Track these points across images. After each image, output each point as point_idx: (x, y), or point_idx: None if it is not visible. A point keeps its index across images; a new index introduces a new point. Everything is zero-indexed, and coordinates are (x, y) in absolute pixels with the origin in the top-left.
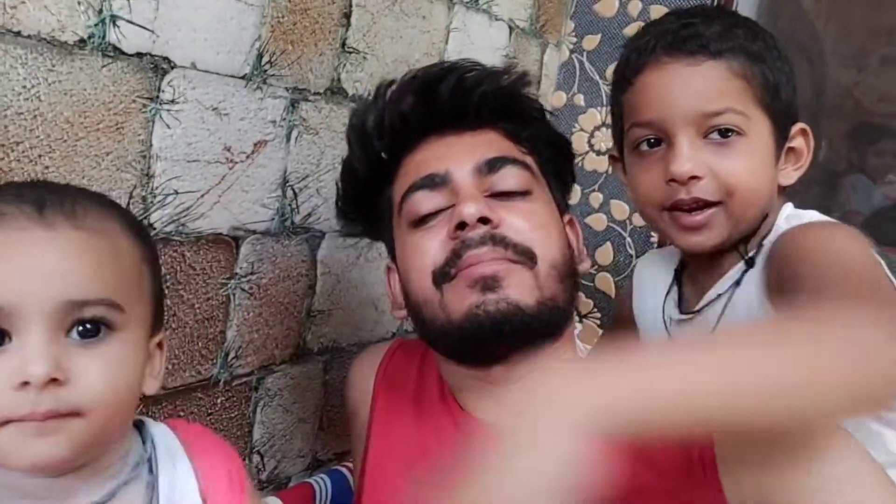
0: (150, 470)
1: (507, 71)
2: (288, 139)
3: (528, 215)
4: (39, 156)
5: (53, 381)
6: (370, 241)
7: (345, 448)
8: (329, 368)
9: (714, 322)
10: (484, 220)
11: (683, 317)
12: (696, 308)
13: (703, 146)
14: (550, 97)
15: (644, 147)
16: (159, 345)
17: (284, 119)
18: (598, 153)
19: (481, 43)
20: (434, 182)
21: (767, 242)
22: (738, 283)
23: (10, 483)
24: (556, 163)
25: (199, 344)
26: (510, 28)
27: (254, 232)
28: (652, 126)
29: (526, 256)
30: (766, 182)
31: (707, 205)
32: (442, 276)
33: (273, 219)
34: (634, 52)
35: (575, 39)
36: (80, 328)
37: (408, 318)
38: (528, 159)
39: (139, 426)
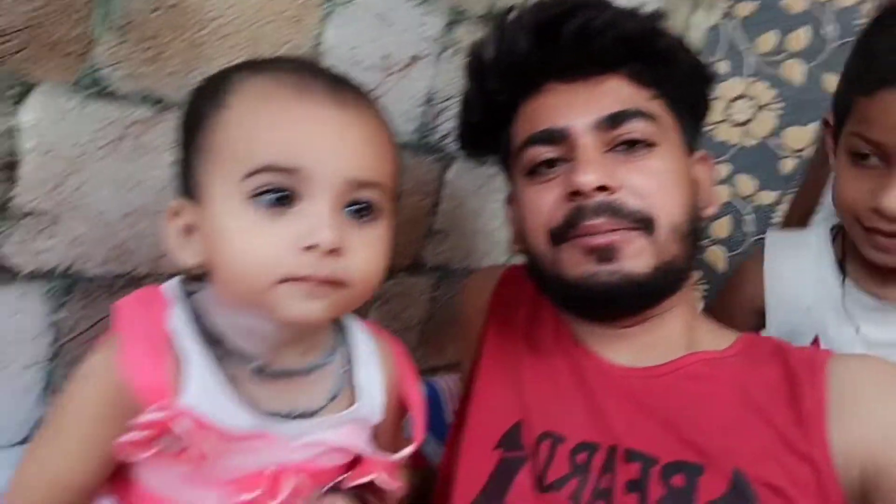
0: (345, 353)
1: (636, 12)
2: (439, 58)
3: (650, 175)
4: (228, 34)
5: (334, 250)
6: (493, 174)
7: (439, 363)
8: (438, 286)
9: None
10: (601, 188)
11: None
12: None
13: None
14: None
15: (859, 159)
16: None
17: (440, 38)
18: (735, 125)
19: None
20: (552, 137)
21: None
22: None
23: (254, 327)
24: (690, 97)
25: None
26: None
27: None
28: (878, 147)
29: (644, 223)
30: None
31: None
32: (557, 237)
33: (413, 133)
34: (885, 61)
35: (729, 2)
36: (353, 207)
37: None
38: (655, 105)
39: None
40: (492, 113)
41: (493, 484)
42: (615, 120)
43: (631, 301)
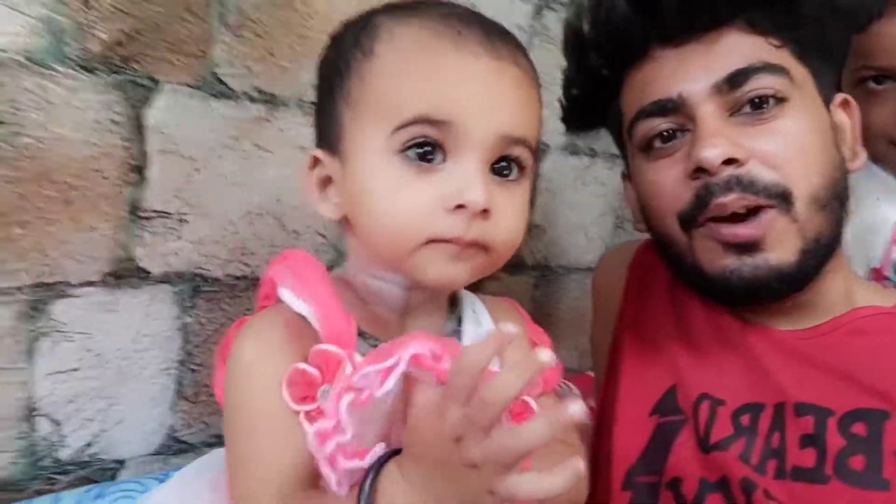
0: (458, 319)
1: None
2: (529, 46)
3: (783, 138)
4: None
5: (483, 212)
6: (589, 164)
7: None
8: (538, 285)
9: None
10: (729, 161)
11: None
12: None
13: None
14: None
15: (872, 84)
16: None
17: (530, 24)
18: None
19: None
20: (666, 108)
21: None
22: None
23: (383, 291)
24: (825, 38)
25: None
26: None
27: None
28: (886, 71)
29: (780, 198)
30: None
31: None
32: (689, 222)
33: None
34: None
35: None
36: (498, 165)
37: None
38: (784, 55)
39: None
40: (597, 88)
41: (653, 449)
42: (736, 79)
43: (780, 290)
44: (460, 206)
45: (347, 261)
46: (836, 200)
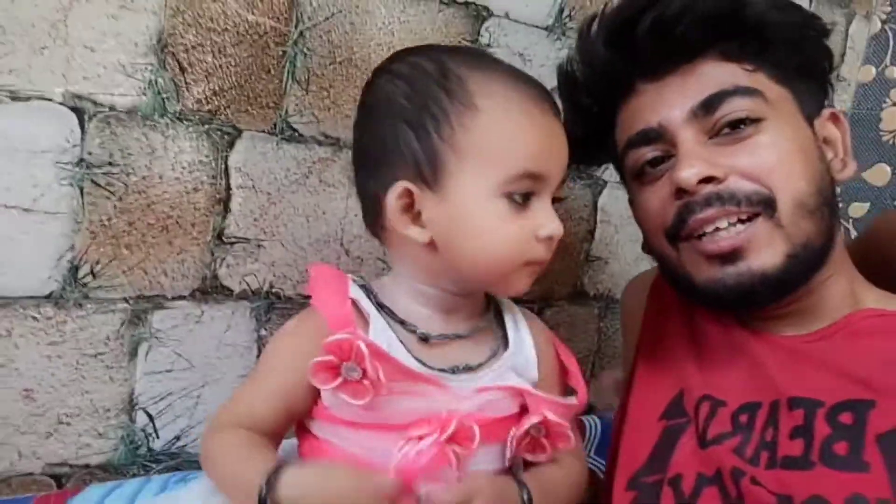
0: (499, 318)
1: None
2: None
3: (761, 151)
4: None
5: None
6: None
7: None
8: (604, 316)
9: None
10: (706, 180)
11: None
12: None
13: None
14: (857, 72)
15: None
16: None
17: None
18: None
19: None
20: (649, 137)
21: None
22: None
23: (428, 295)
24: (800, 58)
25: None
26: None
27: None
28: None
29: (762, 205)
30: None
31: None
32: (673, 237)
33: None
34: None
35: (889, 9)
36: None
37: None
38: (758, 78)
39: None
40: (592, 125)
41: (659, 450)
42: (710, 104)
43: (768, 295)
44: (550, 238)
45: (398, 270)
46: (825, 207)
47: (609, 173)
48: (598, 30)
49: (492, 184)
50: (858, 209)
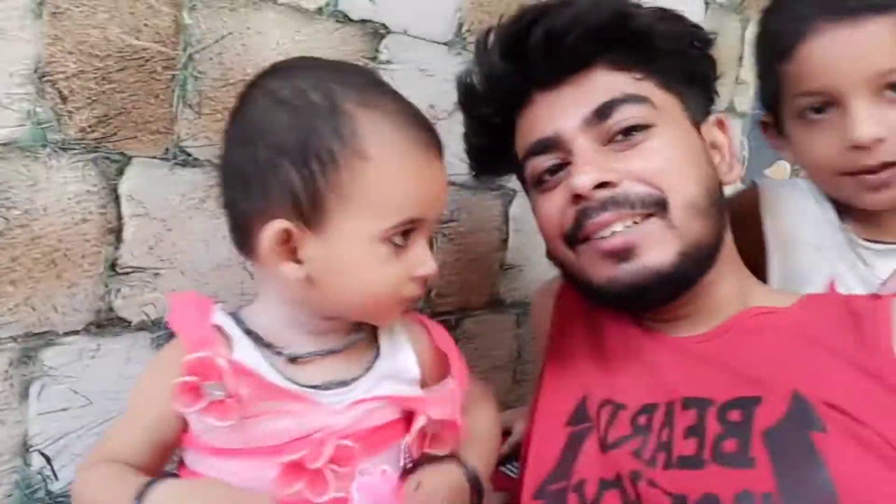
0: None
1: (600, 1)
2: None
3: (652, 155)
4: None
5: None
6: None
7: None
8: (521, 323)
9: None
10: (601, 185)
11: (885, 245)
12: None
13: (879, 105)
14: (754, 75)
15: (811, 115)
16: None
17: None
18: None
19: None
20: (546, 147)
21: None
22: None
23: (295, 318)
24: (686, 65)
25: None
26: (706, 2)
27: (453, 184)
28: (822, 94)
29: (655, 206)
30: None
31: (888, 165)
32: (571, 240)
33: (469, 174)
34: (788, 21)
35: None
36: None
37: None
38: (646, 86)
39: None
40: (492, 136)
41: (564, 457)
42: (603, 112)
43: (662, 293)
44: (423, 276)
45: (266, 295)
46: (714, 208)
47: (518, 183)
48: (494, 42)
49: (375, 231)
50: None
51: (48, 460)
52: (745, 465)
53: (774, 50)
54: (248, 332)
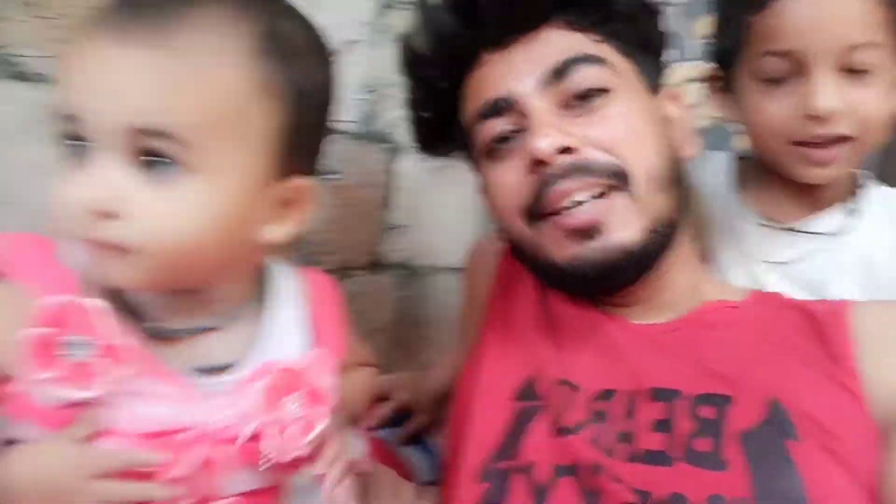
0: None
1: None
2: (375, 44)
3: (612, 122)
4: None
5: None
6: (449, 163)
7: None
8: (404, 285)
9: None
10: (563, 151)
11: (779, 225)
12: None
13: (842, 80)
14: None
15: (772, 82)
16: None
17: (374, 22)
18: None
19: None
20: (499, 107)
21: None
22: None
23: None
24: (640, 34)
25: None
26: None
27: (338, 132)
28: (790, 56)
29: (617, 178)
30: (891, 120)
31: (840, 139)
32: (532, 215)
33: (355, 122)
34: None
35: None
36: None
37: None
38: (604, 48)
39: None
40: (438, 103)
41: (510, 434)
42: (560, 71)
43: (629, 271)
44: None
45: None
46: (675, 183)
47: (406, 138)
48: None
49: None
50: None
51: None
52: (717, 467)
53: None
54: (107, 292)
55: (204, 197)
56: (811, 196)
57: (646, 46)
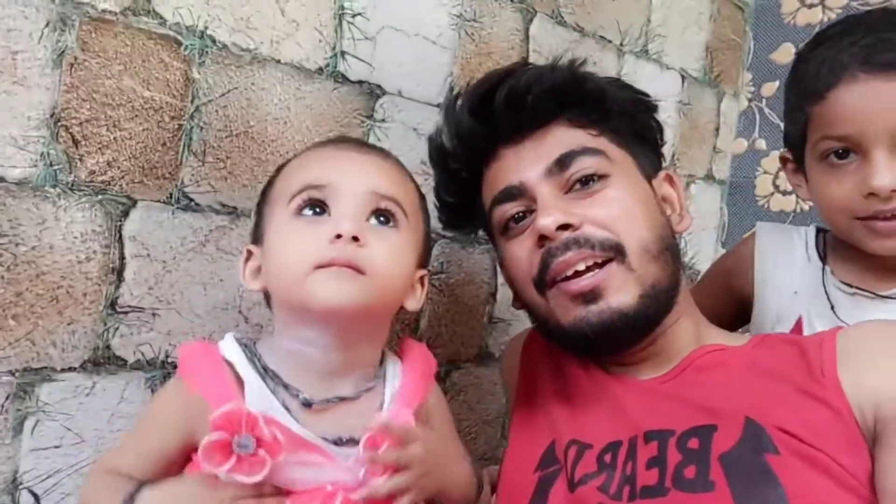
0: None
1: (554, 65)
2: None
3: (609, 203)
4: (287, 152)
5: (354, 239)
6: None
7: None
8: None
9: None
10: (564, 227)
11: (866, 293)
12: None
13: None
14: (731, 144)
15: (834, 159)
16: (421, 279)
17: None
18: (784, 193)
19: (652, 90)
20: (511, 194)
21: None
22: None
23: (303, 354)
24: (636, 126)
25: (398, 327)
26: (682, 77)
27: (443, 236)
28: (847, 140)
29: (614, 251)
30: None
31: None
32: (541, 285)
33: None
34: (826, 67)
35: (753, 88)
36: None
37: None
38: (601, 141)
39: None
40: (462, 190)
41: (534, 502)
42: (563, 162)
43: (627, 333)
44: (339, 237)
45: (273, 332)
46: (667, 253)
47: None
48: (462, 102)
49: (284, 211)
50: None
51: (36, 499)
52: (704, 489)
53: (808, 91)
54: (265, 370)
55: (399, 242)
56: (888, 263)
57: (640, 137)
